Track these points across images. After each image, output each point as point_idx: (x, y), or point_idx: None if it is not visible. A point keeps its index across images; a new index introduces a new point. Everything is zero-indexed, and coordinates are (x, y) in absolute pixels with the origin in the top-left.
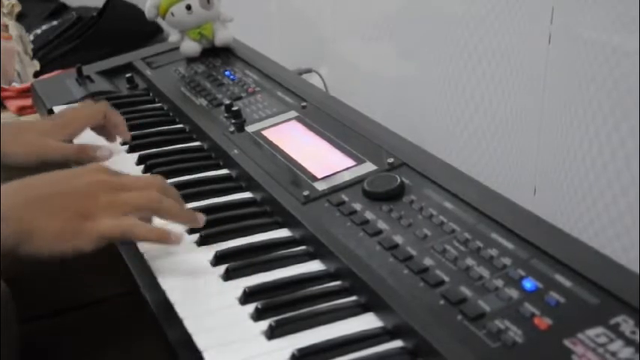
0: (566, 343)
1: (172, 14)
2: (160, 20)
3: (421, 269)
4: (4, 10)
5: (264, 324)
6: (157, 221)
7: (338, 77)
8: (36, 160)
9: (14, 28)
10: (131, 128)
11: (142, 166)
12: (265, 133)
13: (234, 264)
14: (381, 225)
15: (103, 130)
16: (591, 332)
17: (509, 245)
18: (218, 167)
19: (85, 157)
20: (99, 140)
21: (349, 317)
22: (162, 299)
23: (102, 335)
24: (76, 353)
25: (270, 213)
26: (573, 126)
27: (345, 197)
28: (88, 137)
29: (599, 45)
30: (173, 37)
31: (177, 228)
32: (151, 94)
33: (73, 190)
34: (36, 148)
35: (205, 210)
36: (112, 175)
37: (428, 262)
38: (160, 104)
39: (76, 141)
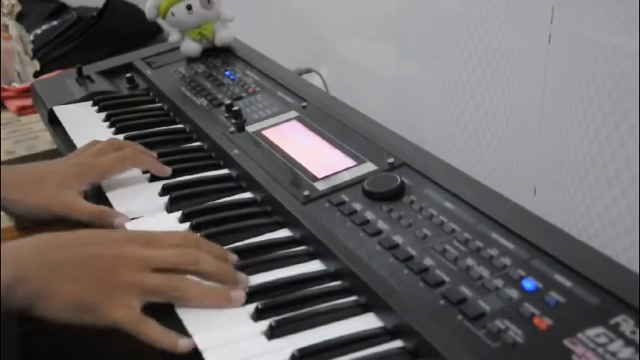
0: (566, 343)
1: (173, 14)
2: (160, 20)
3: (421, 269)
4: (4, 10)
5: (264, 324)
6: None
7: (338, 77)
8: (49, 217)
9: (14, 28)
10: (131, 128)
11: None
12: (266, 133)
13: (234, 264)
14: (381, 225)
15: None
16: (591, 332)
17: (510, 245)
18: (218, 167)
19: (100, 222)
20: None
21: (349, 317)
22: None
23: (101, 336)
24: (76, 353)
25: (271, 213)
26: (573, 126)
27: (345, 197)
28: (91, 136)
29: (599, 45)
30: (173, 37)
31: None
32: (151, 94)
33: (98, 258)
34: (50, 204)
35: (205, 210)
36: (144, 245)
37: (428, 262)
38: (160, 104)
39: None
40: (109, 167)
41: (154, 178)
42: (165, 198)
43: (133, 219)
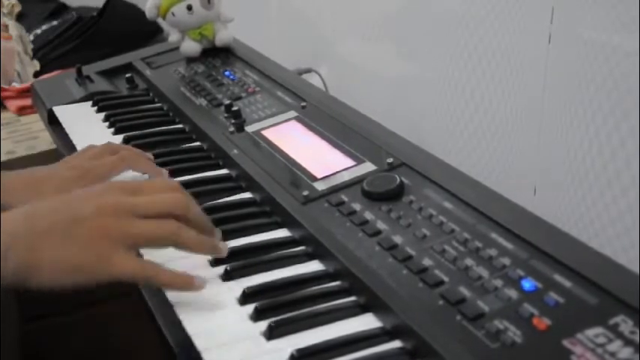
0: (565, 343)
1: (173, 14)
2: (160, 20)
3: (420, 269)
4: (4, 10)
5: (263, 324)
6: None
7: (338, 77)
8: None
9: (14, 28)
10: (131, 128)
11: None
12: (265, 133)
13: (233, 264)
14: (381, 225)
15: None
16: (590, 332)
17: (509, 245)
18: (218, 167)
19: None
20: (101, 139)
21: (348, 317)
22: (162, 300)
23: (102, 335)
24: (76, 353)
25: (270, 213)
26: (573, 126)
27: (344, 197)
28: (92, 136)
29: (599, 45)
30: (173, 37)
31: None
32: (150, 94)
33: (83, 216)
34: None
35: (205, 210)
36: (130, 193)
37: (427, 262)
38: (159, 104)
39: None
40: (106, 170)
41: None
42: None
43: None
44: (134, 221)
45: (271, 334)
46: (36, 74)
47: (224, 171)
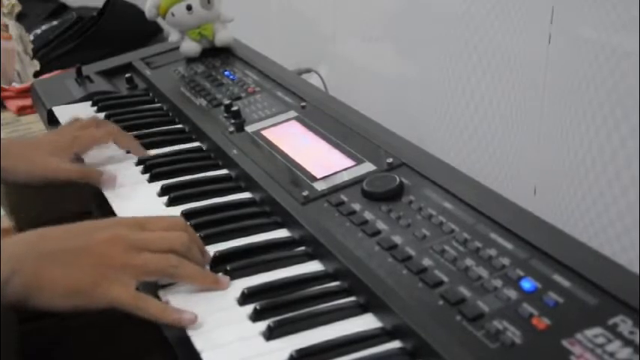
0: (565, 343)
1: (173, 14)
2: (160, 20)
3: (420, 269)
4: (4, 10)
5: (262, 325)
6: None
7: (338, 77)
8: (39, 180)
9: (14, 28)
10: (130, 128)
11: (141, 167)
12: (265, 133)
13: (233, 264)
14: (380, 225)
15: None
16: (589, 332)
17: (509, 245)
18: (217, 167)
19: (88, 180)
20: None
21: (348, 318)
22: (162, 300)
23: (101, 336)
24: (76, 353)
25: (270, 213)
26: (573, 126)
27: (344, 197)
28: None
29: (599, 45)
30: (173, 37)
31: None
32: (150, 95)
33: (89, 247)
34: (40, 168)
35: (205, 210)
36: (133, 229)
37: (427, 262)
38: (159, 104)
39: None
40: (93, 139)
41: (153, 179)
42: (165, 198)
43: None
44: (138, 254)
45: (271, 334)
46: (36, 74)
47: (224, 171)
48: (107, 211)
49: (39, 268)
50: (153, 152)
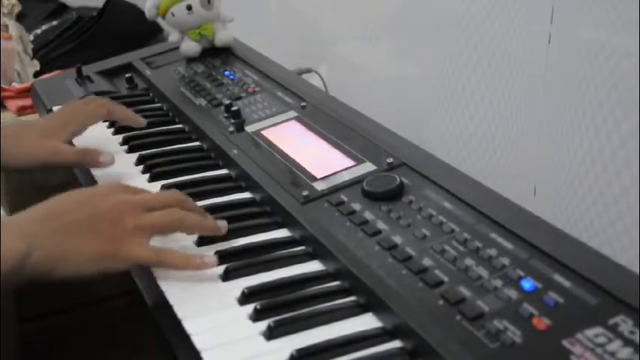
0: (565, 343)
1: (173, 14)
2: (160, 20)
3: (420, 269)
4: (4, 10)
5: (263, 324)
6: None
7: (338, 77)
8: (37, 164)
9: (14, 28)
10: (131, 128)
11: (141, 166)
12: (265, 133)
13: (233, 264)
14: (381, 225)
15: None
16: (590, 332)
17: (509, 245)
18: (217, 167)
19: (86, 162)
20: (101, 139)
21: (348, 317)
22: (162, 300)
23: (101, 335)
24: (75, 353)
25: (270, 213)
26: (573, 126)
27: (344, 197)
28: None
29: (599, 45)
30: (173, 37)
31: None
32: (150, 94)
33: (99, 213)
34: (37, 152)
35: (205, 210)
36: (133, 193)
37: (427, 262)
38: (159, 104)
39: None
40: (88, 116)
41: (153, 179)
42: None
43: None
44: (144, 214)
45: (271, 334)
46: (36, 74)
47: (224, 171)
48: None
49: (59, 241)
50: (149, 152)
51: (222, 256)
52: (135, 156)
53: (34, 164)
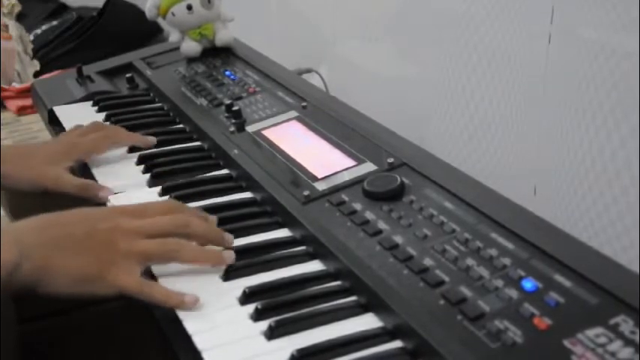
0: (566, 343)
1: (173, 14)
2: (160, 20)
3: (421, 269)
4: (4, 10)
5: (263, 324)
6: None
7: (338, 77)
8: (38, 189)
9: (14, 28)
10: (131, 128)
11: (142, 167)
12: (265, 133)
13: (234, 264)
14: (381, 225)
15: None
16: (591, 332)
17: (509, 245)
18: (218, 167)
19: (86, 195)
20: None
21: (349, 317)
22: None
23: (101, 336)
24: (75, 353)
25: (271, 213)
26: (573, 126)
27: (345, 197)
28: None
29: (599, 45)
30: (173, 37)
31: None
32: (151, 94)
33: (94, 234)
34: (39, 178)
35: (205, 210)
36: (135, 217)
37: (428, 262)
38: (160, 104)
39: None
40: (93, 146)
41: (153, 179)
42: (166, 198)
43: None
44: (140, 240)
45: (272, 334)
46: (36, 74)
47: (224, 171)
48: None
49: (48, 255)
50: (149, 152)
51: None
52: (135, 156)
53: (36, 189)
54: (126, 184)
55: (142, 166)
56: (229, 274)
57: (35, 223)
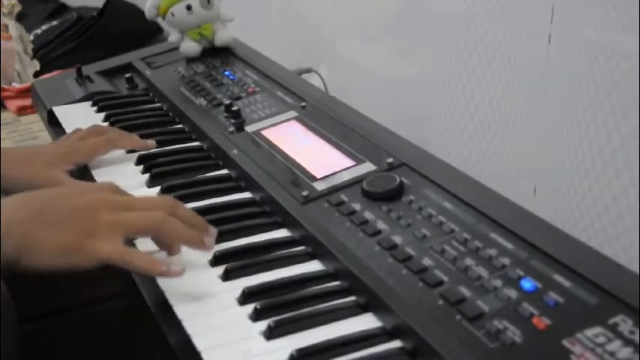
0: (565, 343)
1: (172, 14)
2: (160, 20)
3: (420, 269)
4: (4, 10)
5: (262, 324)
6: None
7: (338, 77)
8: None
9: (14, 28)
10: (131, 128)
11: (141, 167)
12: (265, 133)
13: (233, 264)
14: (381, 225)
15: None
16: (590, 332)
17: (509, 245)
18: (218, 167)
19: None
20: None
21: (348, 317)
22: (161, 300)
23: (101, 335)
24: (75, 353)
25: (270, 213)
26: (573, 126)
27: (344, 197)
28: None
29: (599, 45)
30: (173, 37)
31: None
32: (150, 95)
33: (76, 207)
34: (38, 179)
35: (205, 210)
36: (118, 193)
37: (427, 262)
38: (159, 104)
39: None
40: (93, 149)
41: (153, 179)
42: None
43: None
44: (123, 212)
45: (271, 334)
46: (36, 74)
47: (224, 171)
48: None
49: (28, 229)
50: (149, 152)
51: (221, 257)
52: (135, 156)
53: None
54: (125, 184)
55: (141, 166)
56: (229, 274)
57: (21, 199)
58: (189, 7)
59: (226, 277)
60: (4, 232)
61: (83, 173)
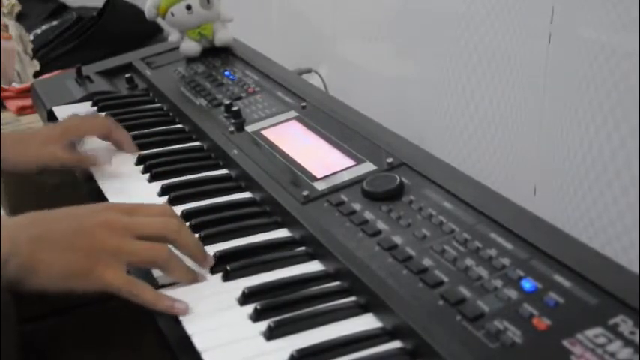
0: (565, 343)
1: (172, 14)
2: (159, 20)
3: (420, 269)
4: (4, 10)
5: (263, 324)
6: None
7: (338, 77)
8: (36, 168)
9: (14, 28)
10: (131, 128)
11: (141, 167)
12: (265, 133)
13: (233, 264)
14: (381, 225)
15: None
16: (590, 332)
17: (509, 245)
18: (217, 167)
19: (83, 165)
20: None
21: (348, 318)
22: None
23: (101, 335)
24: (75, 353)
25: (270, 213)
26: (573, 126)
27: (344, 197)
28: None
29: (599, 45)
30: (173, 37)
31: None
32: (150, 94)
33: (82, 230)
34: (36, 158)
35: (205, 210)
36: (124, 213)
37: (427, 262)
38: (159, 104)
39: None
40: (86, 129)
41: (153, 179)
42: (165, 198)
43: None
44: (130, 240)
45: (271, 334)
46: (36, 74)
47: (224, 171)
48: None
49: (34, 251)
50: (149, 152)
51: (223, 257)
52: (135, 156)
53: (34, 169)
54: (125, 184)
55: (141, 166)
56: (229, 275)
57: (25, 219)
58: (189, 7)
59: (226, 277)
60: (7, 253)
61: (84, 173)
